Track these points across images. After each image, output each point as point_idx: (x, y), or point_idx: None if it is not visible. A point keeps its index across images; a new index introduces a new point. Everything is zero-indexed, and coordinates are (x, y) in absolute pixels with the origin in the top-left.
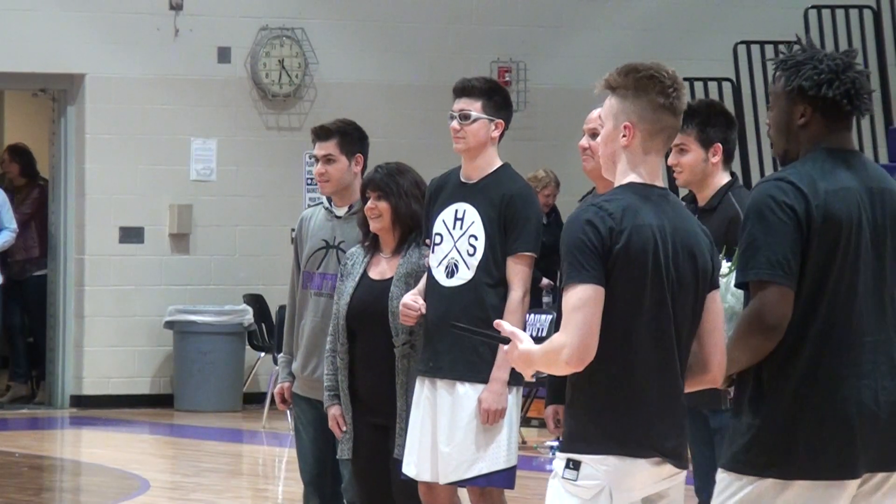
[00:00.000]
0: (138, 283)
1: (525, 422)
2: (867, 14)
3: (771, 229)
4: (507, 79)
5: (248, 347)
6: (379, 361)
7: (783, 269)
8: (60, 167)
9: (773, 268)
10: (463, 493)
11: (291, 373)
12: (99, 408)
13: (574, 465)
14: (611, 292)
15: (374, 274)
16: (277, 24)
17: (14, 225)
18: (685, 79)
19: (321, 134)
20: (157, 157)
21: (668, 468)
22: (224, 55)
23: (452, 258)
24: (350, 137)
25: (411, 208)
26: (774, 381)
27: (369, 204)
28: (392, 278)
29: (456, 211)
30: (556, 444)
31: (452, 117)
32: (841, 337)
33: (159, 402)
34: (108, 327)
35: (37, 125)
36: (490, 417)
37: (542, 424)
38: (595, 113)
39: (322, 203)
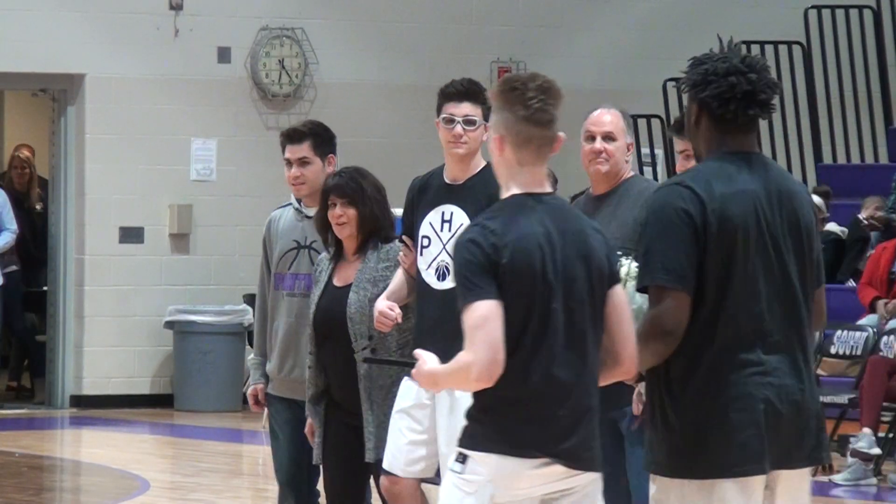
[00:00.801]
0: (138, 283)
1: None
2: (867, 14)
3: (667, 234)
4: None
5: (248, 347)
6: (348, 366)
7: (678, 274)
8: (60, 167)
9: (669, 273)
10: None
11: (264, 374)
12: (99, 408)
13: (462, 459)
14: (502, 303)
15: (338, 281)
16: (277, 24)
17: (14, 226)
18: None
19: (294, 137)
20: (157, 157)
21: (561, 469)
22: (224, 55)
23: (442, 260)
24: (322, 138)
25: (374, 213)
26: (682, 384)
27: (337, 210)
28: (348, 285)
29: (443, 213)
30: None
31: (453, 121)
32: (744, 338)
33: (159, 402)
34: (108, 327)
35: (37, 125)
36: None
37: None
38: (601, 115)
39: (291, 204)
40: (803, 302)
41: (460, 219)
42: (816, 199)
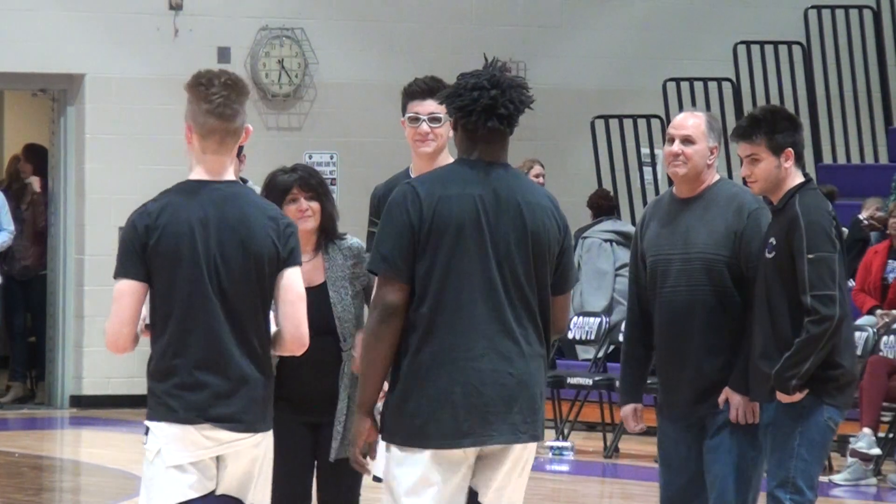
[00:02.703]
0: None
1: None
2: (867, 14)
3: (389, 227)
4: None
5: None
6: (319, 365)
7: (390, 262)
8: (60, 167)
9: (383, 262)
10: None
11: None
12: (99, 408)
13: (146, 431)
14: (154, 281)
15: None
16: (277, 24)
17: (12, 227)
18: (685, 79)
19: None
20: (157, 157)
21: (225, 433)
22: (224, 55)
23: None
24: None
25: (334, 208)
26: (406, 363)
27: (301, 205)
28: (322, 284)
29: None
30: (556, 444)
31: (418, 119)
32: (454, 324)
33: None
34: None
35: (37, 125)
36: None
37: None
38: (684, 119)
39: None
40: (528, 299)
41: None
42: None
